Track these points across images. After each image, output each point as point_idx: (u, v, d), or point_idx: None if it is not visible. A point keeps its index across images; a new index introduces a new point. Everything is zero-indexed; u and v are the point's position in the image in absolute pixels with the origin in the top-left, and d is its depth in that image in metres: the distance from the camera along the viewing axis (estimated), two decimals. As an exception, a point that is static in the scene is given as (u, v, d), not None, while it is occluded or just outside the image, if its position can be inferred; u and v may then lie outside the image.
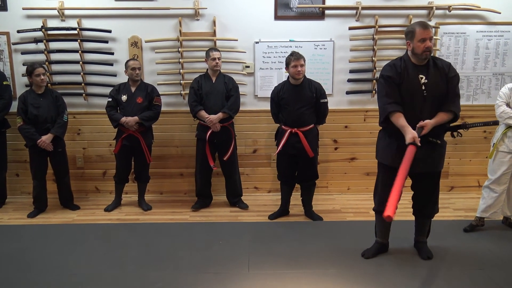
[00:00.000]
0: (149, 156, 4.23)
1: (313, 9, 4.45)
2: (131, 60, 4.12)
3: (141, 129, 4.14)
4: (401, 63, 2.91)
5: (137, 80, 4.13)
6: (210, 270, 3.05)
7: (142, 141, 4.14)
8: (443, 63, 2.91)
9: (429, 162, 2.94)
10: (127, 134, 4.12)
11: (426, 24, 2.82)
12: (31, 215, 4.16)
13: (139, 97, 4.12)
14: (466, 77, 4.60)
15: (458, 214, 4.13)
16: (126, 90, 4.14)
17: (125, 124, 4.06)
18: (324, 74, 4.52)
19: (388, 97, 2.89)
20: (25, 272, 3.05)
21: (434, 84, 2.84)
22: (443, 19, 4.49)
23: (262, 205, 4.44)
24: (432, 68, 2.87)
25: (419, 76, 2.85)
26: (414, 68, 2.87)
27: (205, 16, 4.46)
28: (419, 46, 2.79)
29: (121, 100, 4.12)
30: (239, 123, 4.47)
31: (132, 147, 4.16)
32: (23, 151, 4.36)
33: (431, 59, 2.89)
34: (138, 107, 4.11)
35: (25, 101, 4.01)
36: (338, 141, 4.73)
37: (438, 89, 2.85)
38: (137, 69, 4.08)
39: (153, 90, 4.23)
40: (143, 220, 4.08)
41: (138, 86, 4.16)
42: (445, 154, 3.06)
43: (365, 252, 3.26)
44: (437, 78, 2.85)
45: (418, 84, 2.85)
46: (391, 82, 2.89)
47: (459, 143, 4.69)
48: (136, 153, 4.22)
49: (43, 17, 4.42)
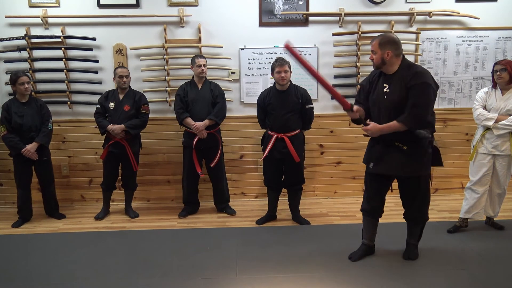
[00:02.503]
0: (136, 164, 4.22)
1: (297, 16, 4.51)
2: (119, 68, 4.11)
3: (127, 136, 4.13)
4: (376, 72, 3.05)
5: (125, 87, 4.13)
6: (198, 276, 3.04)
7: (128, 148, 4.13)
8: (410, 72, 2.85)
9: (396, 165, 2.96)
10: (113, 141, 4.10)
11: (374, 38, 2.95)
12: (15, 225, 4.10)
13: (126, 105, 4.11)
14: (447, 81, 4.70)
15: (442, 216, 4.20)
16: (114, 98, 4.13)
17: (111, 132, 4.04)
18: (309, 80, 4.55)
19: (356, 102, 3.18)
20: (10, 282, 3.00)
21: (392, 93, 2.90)
22: (424, 24, 4.58)
23: (249, 210, 4.45)
24: (398, 77, 2.89)
25: (384, 85, 2.95)
26: (383, 77, 2.98)
27: (190, 23, 4.48)
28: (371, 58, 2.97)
29: (108, 108, 4.11)
30: (225, 129, 4.48)
31: (119, 154, 4.15)
32: (7, 160, 4.32)
33: (404, 67, 2.89)
34: (125, 115, 4.10)
35: (9, 110, 3.97)
36: (324, 146, 4.77)
37: (395, 99, 2.88)
38: (125, 77, 4.08)
39: (141, 98, 4.22)
40: (130, 228, 4.05)
41: (126, 94, 4.15)
42: (424, 161, 2.97)
43: (352, 255, 3.30)
44: (397, 87, 2.88)
45: (382, 93, 2.96)
46: (362, 90, 3.18)
47: (442, 146, 4.74)
48: (123, 160, 4.20)
49: (27, 25, 4.39)
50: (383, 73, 2.98)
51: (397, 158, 2.96)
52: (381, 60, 2.89)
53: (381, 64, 2.91)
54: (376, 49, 2.89)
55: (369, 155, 3.13)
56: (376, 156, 3.05)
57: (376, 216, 3.26)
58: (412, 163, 2.94)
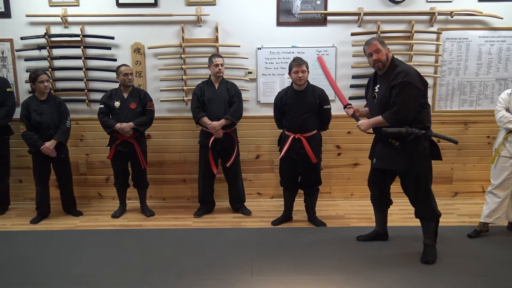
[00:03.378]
0: (144, 161, 4.22)
1: (315, 15, 4.46)
2: (122, 66, 4.10)
3: (135, 134, 4.14)
4: (374, 74, 3.25)
5: (129, 85, 4.13)
6: (213, 276, 3.03)
7: (137, 146, 4.13)
8: (395, 71, 3.00)
9: (389, 160, 3.15)
10: (121, 140, 4.11)
11: (369, 41, 3.11)
12: (34, 221, 4.16)
13: (133, 103, 4.12)
14: (468, 83, 4.60)
15: (462, 220, 4.11)
16: (118, 96, 4.13)
17: (120, 130, 4.04)
18: (326, 80, 4.51)
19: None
20: (28, 277, 3.04)
21: (380, 92, 3.12)
22: (445, 24, 4.49)
23: (265, 211, 4.43)
24: (385, 77, 3.07)
25: (376, 85, 3.17)
26: (376, 78, 3.20)
27: (207, 22, 4.48)
28: (370, 61, 3.13)
29: (113, 106, 4.10)
30: (241, 129, 4.47)
31: (127, 153, 4.15)
32: (26, 158, 4.37)
33: (391, 67, 3.05)
34: (132, 112, 4.11)
35: (28, 108, 4.02)
36: (341, 147, 4.72)
37: (382, 98, 3.08)
38: (130, 74, 4.08)
39: (146, 95, 4.23)
40: (146, 226, 4.07)
41: (130, 92, 4.15)
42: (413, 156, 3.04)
43: (360, 236, 3.61)
44: (383, 86, 3.08)
45: (372, 93, 3.21)
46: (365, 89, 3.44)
47: (463, 149, 4.68)
48: (131, 159, 4.21)
49: (47, 24, 4.44)
50: (376, 74, 3.20)
51: (391, 154, 3.14)
52: (386, 57, 3.05)
53: (386, 61, 3.06)
54: (379, 48, 3.04)
55: (372, 151, 3.39)
56: (377, 152, 3.28)
57: (381, 206, 3.53)
58: (403, 158, 3.08)
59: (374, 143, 3.38)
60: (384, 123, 3.06)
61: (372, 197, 3.53)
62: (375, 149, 3.33)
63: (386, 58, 3.05)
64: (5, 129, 4.27)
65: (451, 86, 4.61)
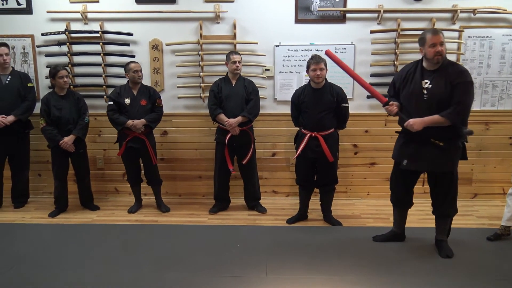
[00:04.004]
0: (154, 157, 4.24)
1: (334, 12, 4.41)
2: (132, 63, 4.11)
3: (146, 131, 4.16)
4: (411, 67, 3.13)
5: (139, 82, 4.15)
6: (228, 273, 3.03)
7: (148, 143, 4.15)
8: (455, 69, 2.97)
9: (430, 162, 3.07)
10: (132, 137, 4.13)
11: (436, 30, 2.99)
12: (52, 215, 4.22)
13: (143, 100, 4.13)
14: (491, 82, 4.50)
15: (481, 222, 4.02)
16: (128, 93, 4.13)
17: (133, 127, 4.06)
18: (344, 78, 4.45)
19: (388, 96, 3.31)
20: (45, 269, 3.09)
21: (436, 89, 2.97)
22: (467, 22, 4.40)
23: (280, 209, 4.41)
24: (442, 73, 2.97)
25: (424, 80, 3.01)
26: (422, 73, 3.04)
27: (225, 19, 4.47)
28: (430, 51, 2.95)
29: (124, 103, 4.10)
30: (258, 126, 4.45)
31: (138, 149, 4.17)
32: (45, 152, 4.44)
33: (445, 64, 2.99)
34: (143, 109, 4.12)
35: (48, 103, 4.08)
36: (358, 146, 4.67)
37: (439, 95, 2.96)
38: (139, 71, 4.10)
39: (155, 92, 4.25)
40: (162, 222, 4.09)
41: (139, 89, 4.17)
42: (455, 157, 3.10)
43: (376, 237, 3.55)
44: (441, 83, 2.95)
45: (421, 88, 3.02)
46: (392, 85, 3.29)
47: (483, 149, 4.58)
48: (142, 155, 4.23)
49: (67, 20, 4.50)
50: (423, 68, 3.04)
51: (433, 155, 3.04)
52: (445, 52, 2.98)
53: (445, 56, 2.98)
54: (444, 41, 2.95)
55: (401, 152, 3.23)
56: (410, 153, 3.13)
57: (405, 207, 3.46)
58: (447, 159, 3.05)
59: (403, 143, 3.22)
60: (443, 123, 2.94)
61: (394, 198, 3.46)
62: (406, 150, 3.17)
63: (445, 53, 2.99)
64: (25, 124, 4.35)
65: (473, 85, 4.50)
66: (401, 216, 3.50)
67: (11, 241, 3.60)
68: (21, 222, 4.08)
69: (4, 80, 4.21)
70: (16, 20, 4.52)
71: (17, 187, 4.47)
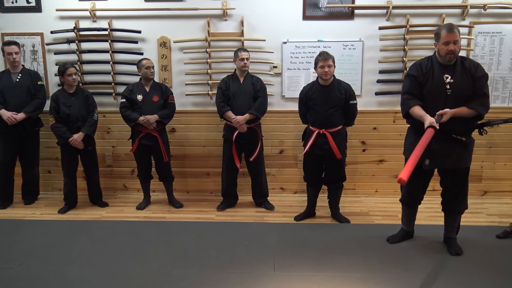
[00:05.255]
0: (166, 154, 4.26)
1: (342, 9, 4.39)
2: (144, 60, 4.13)
3: (159, 127, 4.18)
4: (427, 63, 3.07)
5: (151, 78, 4.17)
6: (235, 269, 3.04)
7: (160, 139, 4.17)
8: (471, 63, 2.99)
9: (454, 158, 3.04)
10: (144, 133, 4.15)
11: (451, 27, 2.93)
12: (61, 211, 4.26)
13: (155, 96, 4.15)
14: (501, 78, 4.45)
15: (491, 220, 3.99)
16: (140, 90, 4.16)
17: (145, 123, 4.07)
18: (352, 75, 4.46)
19: (409, 94, 3.10)
20: (55, 265, 3.13)
21: (459, 83, 2.95)
22: (477, 18, 4.35)
23: (288, 206, 4.41)
24: (459, 68, 2.97)
25: (445, 75, 2.98)
26: (440, 68, 3.00)
27: (233, 16, 4.47)
28: (443, 49, 2.94)
29: (136, 100, 4.13)
30: (266, 123, 4.45)
31: (150, 146, 4.19)
32: (55, 149, 4.48)
33: (459, 59, 2.99)
34: (155, 105, 4.14)
35: (57, 100, 4.11)
36: (366, 143, 4.65)
37: (463, 89, 2.95)
38: (151, 67, 4.12)
39: (167, 88, 4.27)
40: (170, 218, 4.11)
41: (152, 85, 4.19)
42: (472, 151, 3.13)
43: (390, 238, 3.48)
44: (463, 78, 2.95)
45: (443, 83, 2.98)
46: (415, 80, 3.09)
47: (493, 147, 4.54)
48: (154, 152, 4.25)
49: (76, 18, 4.52)
50: (440, 64, 3.01)
51: (455, 151, 3.03)
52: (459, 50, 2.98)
53: (458, 54, 2.98)
54: (458, 39, 2.93)
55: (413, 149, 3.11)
56: (432, 152, 2.98)
57: (417, 206, 3.41)
58: (467, 155, 3.07)
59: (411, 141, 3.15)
60: (470, 114, 2.95)
61: (409, 198, 3.35)
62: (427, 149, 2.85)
63: (459, 52, 2.98)
64: (35, 121, 4.38)
65: (483, 82, 4.46)
66: (413, 214, 3.45)
67: (22, 237, 3.65)
68: (32, 218, 4.12)
69: (15, 78, 4.24)
70: (26, 18, 4.56)
71: (27, 184, 4.52)
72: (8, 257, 3.26)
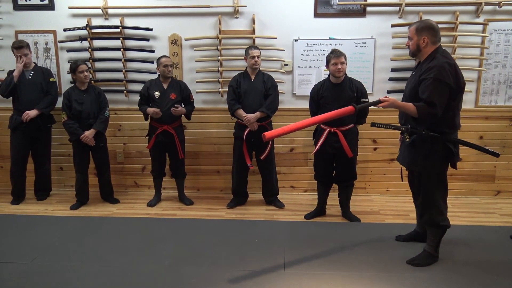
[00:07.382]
0: (181, 152, 4.27)
1: (354, 6, 4.36)
2: (163, 57, 4.16)
3: (175, 124, 4.20)
4: None
5: (169, 76, 4.18)
6: (245, 267, 3.04)
7: (176, 137, 4.19)
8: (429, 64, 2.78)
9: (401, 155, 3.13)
10: (161, 130, 4.17)
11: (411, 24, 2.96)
12: (73, 207, 4.30)
13: (172, 93, 4.18)
14: (516, 77, 4.38)
15: (505, 220, 3.93)
16: (158, 87, 4.19)
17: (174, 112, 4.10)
18: (364, 73, 4.42)
19: None
20: (66, 260, 3.15)
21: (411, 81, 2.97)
22: (492, 15, 4.28)
23: (298, 204, 4.39)
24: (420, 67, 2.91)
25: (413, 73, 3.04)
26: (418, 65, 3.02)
27: (244, 14, 4.46)
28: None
29: (153, 96, 4.17)
30: (276, 121, 4.43)
31: (166, 143, 4.22)
32: (67, 146, 4.53)
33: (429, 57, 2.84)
34: (172, 102, 4.16)
35: (69, 97, 4.14)
36: (378, 142, 4.61)
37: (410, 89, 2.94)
38: (169, 66, 4.14)
39: (186, 87, 4.30)
40: (180, 216, 4.13)
41: (170, 83, 4.21)
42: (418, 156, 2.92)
43: (399, 236, 3.47)
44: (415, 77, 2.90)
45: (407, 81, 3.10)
46: None
47: (507, 146, 4.47)
48: (169, 149, 4.28)
49: (88, 16, 4.55)
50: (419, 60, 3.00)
51: (403, 149, 3.11)
52: (416, 47, 2.89)
53: (416, 51, 2.91)
54: (413, 35, 2.90)
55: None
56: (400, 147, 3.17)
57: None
58: (408, 156, 3.02)
59: None
60: (412, 111, 2.79)
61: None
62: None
63: (416, 48, 2.88)
64: (48, 118, 4.43)
65: (497, 80, 4.40)
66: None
67: (34, 233, 3.69)
68: (44, 214, 4.17)
69: (27, 75, 4.29)
70: (39, 16, 4.60)
71: (39, 180, 4.57)
72: (21, 252, 3.29)
